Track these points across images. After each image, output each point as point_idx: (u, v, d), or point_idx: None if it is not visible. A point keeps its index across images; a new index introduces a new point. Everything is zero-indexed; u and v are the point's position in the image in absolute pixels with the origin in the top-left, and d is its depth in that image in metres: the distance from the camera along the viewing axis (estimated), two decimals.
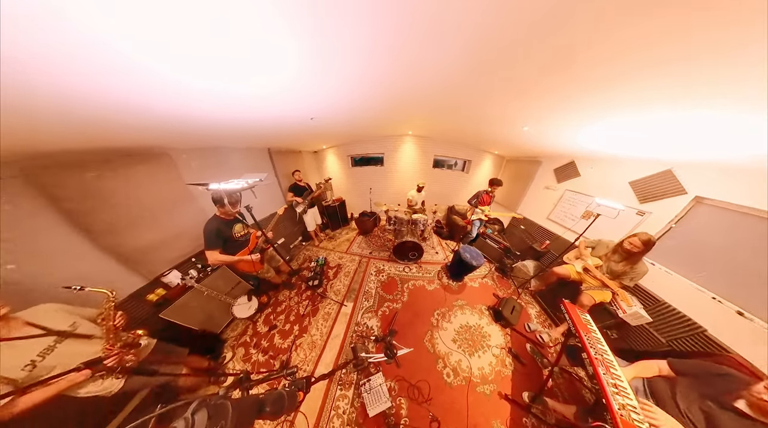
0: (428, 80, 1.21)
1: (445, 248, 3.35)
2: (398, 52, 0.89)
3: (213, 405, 0.53)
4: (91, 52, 0.61)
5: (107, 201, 1.34)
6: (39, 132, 0.92)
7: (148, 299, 1.49)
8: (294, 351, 1.78)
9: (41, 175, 1.10)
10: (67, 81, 0.70)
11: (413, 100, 1.70)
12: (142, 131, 1.23)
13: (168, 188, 1.67)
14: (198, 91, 0.99)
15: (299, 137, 2.58)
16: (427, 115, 2.24)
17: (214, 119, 1.38)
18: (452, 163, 4.09)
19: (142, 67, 0.73)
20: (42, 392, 0.74)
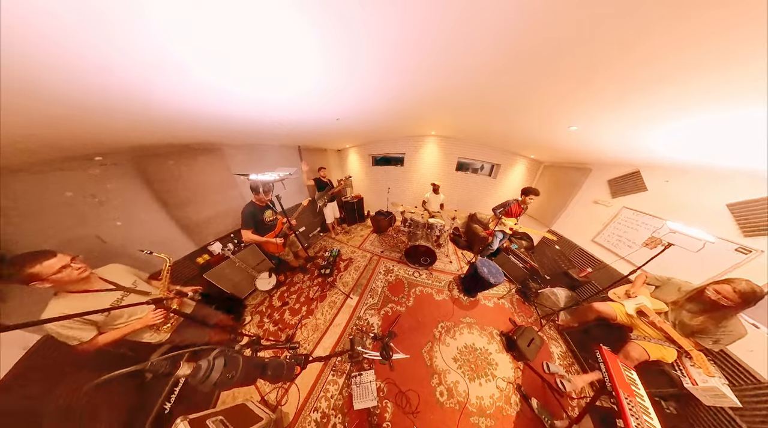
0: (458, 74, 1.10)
1: (460, 259, 3.07)
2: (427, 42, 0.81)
3: (229, 356, 0.63)
4: (185, 79, 0.85)
5: (180, 183, 1.75)
6: (142, 130, 1.26)
7: (197, 261, 1.86)
8: (299, 329, 1.92)
9: (141, 162, 1.53)
10: (169, 100, 0.98)
11: (440, 98, 1.58)
12: (204, 130, 1.55)
13: (219, 175, 2.05)
14: (247, 99, 1.17)
15: (325, 136, 2.76)
16: (453, 114, 2.08)
17: (257, 121, 1.62)
18: (478, 166, 3.73)
19: (210, 84, 0.93)
20: (115, 333, 0.95)
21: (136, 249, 1.18)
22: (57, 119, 0.86)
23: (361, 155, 3.95)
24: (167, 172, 1.66)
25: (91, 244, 1.36)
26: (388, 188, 3.69)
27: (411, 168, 3.76)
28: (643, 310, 1.35)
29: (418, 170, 3.75)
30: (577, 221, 2.60)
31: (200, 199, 1.91)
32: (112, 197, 1.44)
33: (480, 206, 3.70)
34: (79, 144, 1.16)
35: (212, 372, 0.58)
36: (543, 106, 1.41)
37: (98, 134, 1.11)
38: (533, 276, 2.38)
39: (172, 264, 1.19)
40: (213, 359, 0.60)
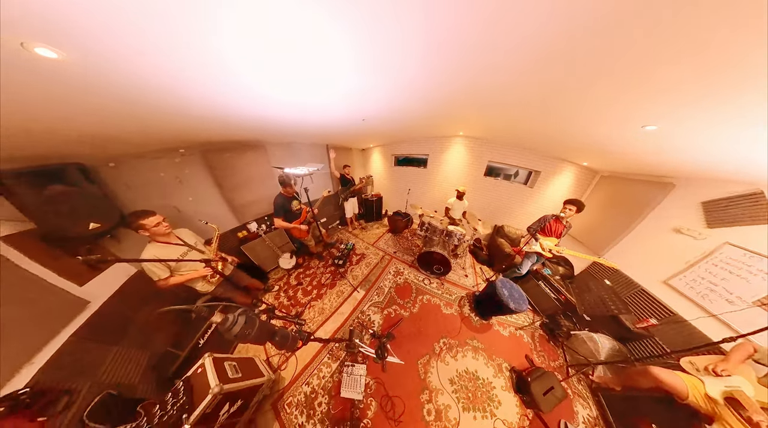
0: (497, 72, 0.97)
1: (478, 274, 2.74)
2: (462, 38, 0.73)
3: (249, 316, 0.78)
4: (237, 88, 0.99)
5: (232, 172, 2.15)
6: (209, 130, 1.59)
7: (238, 235, 2.27)
8: (307, 309, 2.08)
9: (207, 154, 1.95)
10: (229, 106, 1.19)
11: (473, 96, 1.39)
12: (252, 130, 1.84)
13: (261, 167, 2.39)
14: (284, 103, 1.31)
15: (351, 135, 2.86)
16: (485, 112, 1.82)
17: (291, 122, 1.82)
18: (511, 172, 3.20)
19: (257, 90, 1.07)
20: (180, 278, 1.26)
21: (199, 219, 1.53)
22: (157, 122, 1.17)
23: (384, 154, 3.93)
24: (224, 163, 2.07)
25: (172, 211, 1.81)
26: (408, 189, 3.55)
27: (434, 170, 3.51)
28: (738, 398, 0.92)
29: (442, 173, 3.47)
30: (642, 252, 1.95)
31: (246, 185, 2.28)
32: (188, 179, 1.89)
33: (509, 217, 3.19)
34: (170, 139, 1.56)
35: (235, 325, 0.72)
36: (605, 97, 1.05)
37: (181, 133, 1.48)
38: (567, 312, 1.93)
39: (220, 234, 1.52)
40: (237, 315, 0.74)
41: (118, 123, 1.04)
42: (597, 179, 2.72)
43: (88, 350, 1.15)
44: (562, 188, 2.86)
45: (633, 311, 1.78)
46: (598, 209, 2.43)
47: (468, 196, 2.93)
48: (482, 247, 3.13)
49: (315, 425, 1.27)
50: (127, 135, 1.22)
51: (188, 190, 1.90)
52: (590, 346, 1.62)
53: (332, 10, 0.58)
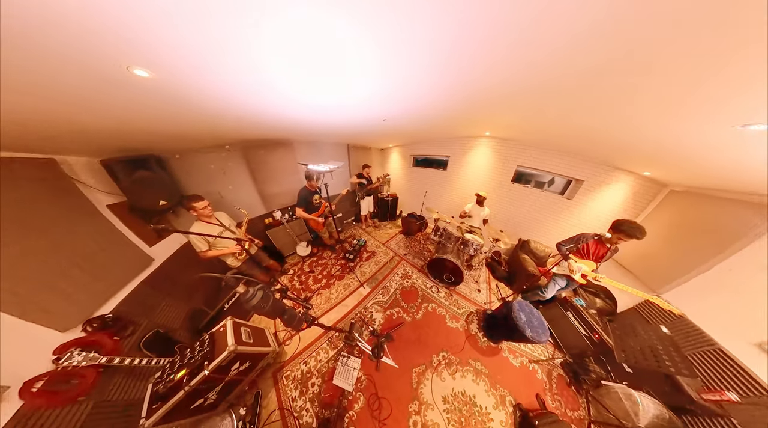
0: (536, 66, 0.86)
1: (492, 291, 2.49)
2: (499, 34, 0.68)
3: (266, 293, 0.94)
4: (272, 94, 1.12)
5: (265, 165, 2.47)
6: (248, 130, 1.86)
7: (265, 221, 2.60)
8: (315, 295, 2.24)
9: (246, 150, 2.30)
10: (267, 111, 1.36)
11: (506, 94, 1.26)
12: (282, 130, 2.06)
13: (289, 163, 2.68)
14: (309, 106, 1.40)
15: (370, 135, 2.91)
16: (519, 111, 1.60)
17: (318, 122, 1.96)
18: (545, 180, 2.74)
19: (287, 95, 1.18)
20: (216, 252, 1.52)
21: (234, 206, 1.83)
22: (212, 123, 1.43)
23: (403, 154, 3.86)
24: (259, 158, 2.40)
25: (215, 197, 2.21)
26: (425, 191, 3.40)
27: (454, 173, 3.27)
28: None
29: (463, 176, 3.21)
30: (727, 299, 1.45)
31: (274, 178, 2.61)
32: (230, 171, 2.27)
33: (538, 232, 2.76)
34: (219, 138, 1.90)
35: (253, 298, 0.87)
36: (679, 86, 0.79)
37: (227, 132, 1.78)
38: (600, 356, 1.58)
39: (249, 219, 1.78)
40: (256, 290, 0.89)
41: (185, 124, 1.32)
42: (664, 194, 2.09)
43: (149, 295, 1.51)
44: (611, 203, 2.29)
45: (700, 376, 1.35)
46: (661, 233, 1.89)
47: (491, 203, 2.66)
48: (501, 261, 2.79)
49: (306, 402, 1.38)
50: (190, 134, 1.54)
51: (229, 179, 2.29)
52: (626, 405, 1.29)
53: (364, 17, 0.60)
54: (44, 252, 1.06)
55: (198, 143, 1.91)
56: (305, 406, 1.37)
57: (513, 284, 2.49)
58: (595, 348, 1.58)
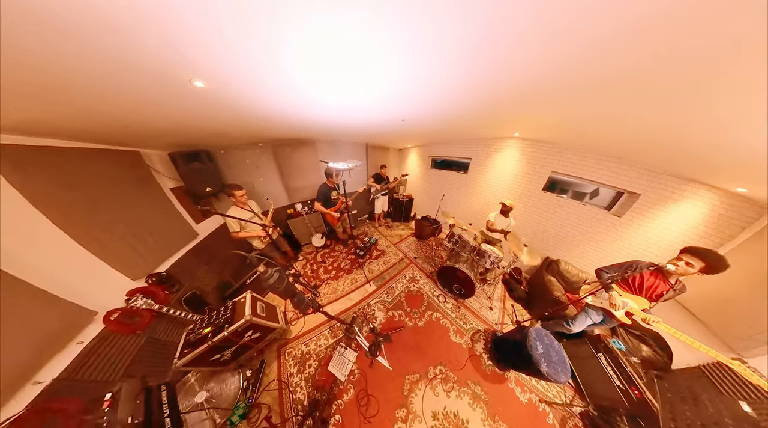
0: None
1: (506, 311, 2.23)
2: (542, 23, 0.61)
3: (281, 275, 1.08)
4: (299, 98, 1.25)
5: (290, 161, 2.76)
6: (278, 130, 2.10)
7: (287, 211, 2.89)
8: (324, 284, 2.41)
9: (275, 147, 2.60)
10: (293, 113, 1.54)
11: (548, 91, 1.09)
12: (305, 130, 2.25)
13: (311, 160, 2.91)
14: (331, 107, 1.46)
15: (389, 135, 2.91)
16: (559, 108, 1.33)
17: (339, 123, 2.07)
18: (586, 190, 2.25)
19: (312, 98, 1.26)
20: (245, 234, 1.81)
21: (264, 196, 2.14)
22: (250, 124, 1.68)
23: (421, 155, 3.71)
24: (286, 155, 2.70)
25: (249, 187, 2.54)
26: (442, 195, 3.23)
27: (476, 177, 2.99)
28: None
29: (485, 181, 2.91)
30: None
31: (298, 173, 2.88)
32: (262, 165, 2.60)
33: (572, 252, 2.30)
34: (255, 136, 2.20)
35: (270, 278, 1.01)
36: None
37: (261, 132, 2.04)
38: (637, 418, 1.24)
39: (274, 208, 2.05)
40: (274, 271, 1.03)
41: (228, 124, 1.57)
42: (766, 222, 1.48)
43: (192, 263, 1.88)
44: (679, 226, 1.72)
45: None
46: (753, 273, 1.37)
47: (516, 213, 2.37)
48: (521, 280, 2.47)
49: (301, 380, 1.51)
50: (231, 132, 1.83)
51: (261, 173, 2.64)
52: None
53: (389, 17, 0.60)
54: (128, 220, 1.43)
55: (237, 141, 2.26)
56: (300, 383, 1.49)
57: (532, 308, 2.17)
58: (632, 407, 1.25)
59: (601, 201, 2.21)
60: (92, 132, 1.21)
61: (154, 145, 1.71)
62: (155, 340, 1.37)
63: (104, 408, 0.80)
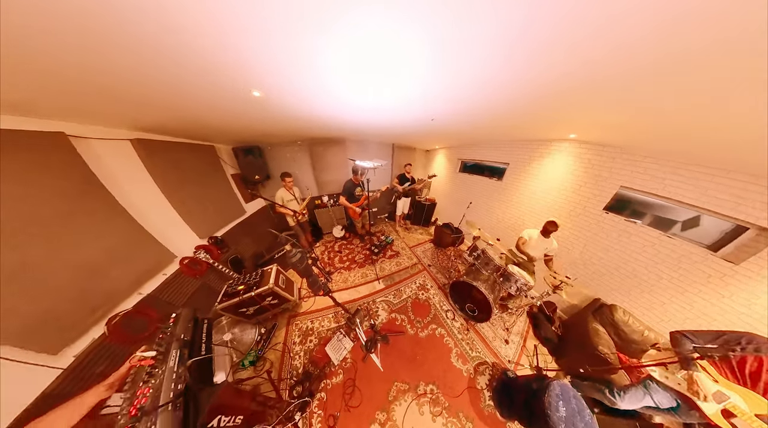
0: None
1: (525, 351, 1.84)
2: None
3: (302, 255, 1.30)
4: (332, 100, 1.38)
5: (322, 157, 3.12)
6: (313, 129, 2.37)
7: (315, 202, 3.26)
8: (336, 272, 2.62)
9: (311, 145, 3.00)
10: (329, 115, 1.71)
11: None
12: (336, 129, 2.47)
13: (341, 157, 3.19)
14: (362, 108, 1.56)
15: (416, 135, 2.82)
16: (636, 99, 0.95)
17: (368, 123, 2.18)
18: (680, 219, 1.53)
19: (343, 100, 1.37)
20: (284, 210, 2.27)
21: (304, 185, 2.57)
22: (293, 125, 1.98)
23: (450, 158, 3.41)
24: (319, 151, 3.06)
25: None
26: (469, 202, 2.91)
27: (512, 186, 2.53)
28: None
29: (524, 191, 2.42)
30: None
31: (328, 169, 3.22)
32: (299, 160, 3.07)
33: (639, 300, 1.65)
34: (294, 135, 2.58)
35: (294, 257, 1.22)
36: None
37: (299, 131, 2.36)
38: None
39: (309, 197, 2.54)
40: (297, 251, 1.24)
41: (274, 125, 1.91)
42: None
43: (238, 233, 2.40)
44: None
45: None
46: None
47: (562, 235, 1.91)
48: (554, 319, 1.99)
49: (301, 350, 1.72)
50: (276, 132, 2.21)
51: (297, 166, 3.10)
52: None
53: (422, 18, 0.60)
54: (202, 194, 1.97)
55: (281, 139, 2.71)
56: (299, 353, 1.70)
57: (562, 358, 1.72)
58: None
59: (703, 236, 1.49)
60: (187, 130, 1.73)
61: (223, 141, 2.28)
62: (206, 286, 1.84)
63: (170, 322, 1.16)
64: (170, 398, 0.79)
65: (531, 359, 1.78)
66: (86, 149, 1.18)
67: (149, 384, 0.82)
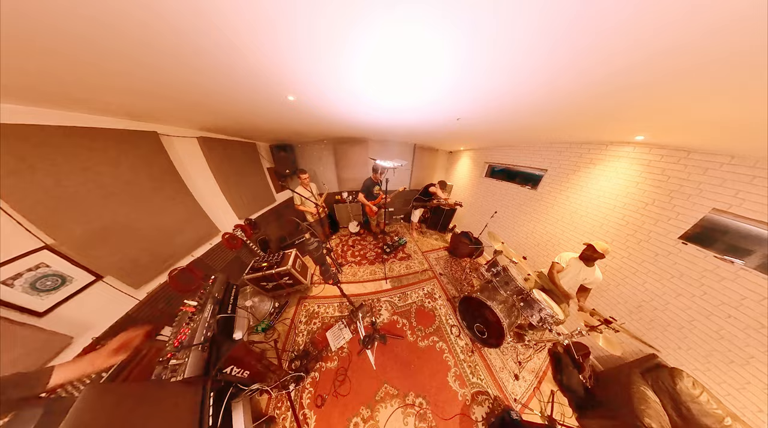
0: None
1: (537, 395, 1.57)
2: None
3: (319, 245, 1.49)
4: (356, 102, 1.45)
5: (344, 156, 3.32)
6: (338, 129, 2.53)
7: (335, 197, 3.52)
8: (347, 265, 2.81)
9: (335, 144, 3.22)
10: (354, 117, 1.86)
11: None
12: (360, 130, 2.57)
13: (361, 156, 3.33)
14: (385, 109, 1.58)
15: (439, 136, 2.68)
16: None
17: (390, 124, 2.21)
18: None
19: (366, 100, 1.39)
20: (303, 207, 2.60)
21: (321, 181, 2.86)
22: (321, 126, 2.20)
23: (475, 160, 3.12)
24: (341, 150, 3.28)
25: (312, 172, 3.34)
26: (494, 211, 2.62)
27: (549, 196, 2.14)
28: None
29: (566, 205, 2.01)
30: None
31: (349, 167, 3.41)
32: (324, 158, 3.33)
33: (723, 370, 1.12)
34: (320, 134, 2.81)
35: (311, 246, 1.39)
36: None
37: (325, 130, 2.56)
38: None
39: (326, 193, 2.76)
40: (314, 241, 1.42)
41: (306, 125, 2.15)
42: None
43: (267, 218, 2.81)
44: None
45: None
46: None
47: (610, 265, 1.57)
48: (583, 366, 1.61)
49: (304, 330, 1.93)
50: (304, 131, 2.46)
51: (322, 163, 3.39)
52: None
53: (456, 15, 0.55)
54: (243, 182, 2.39)
55: (309, 137, 3.01)
56: (303, 331, 1.91)
57: (588, 417, 1.40)
58: None
59: None
60: (236, 130, 2.13)
61: (262, 139, 2.69)
62: (239, 258, 2.25)
63: (209, 282, 1.49)
64: (201, 341, 1.03)
65: (544, 406, 1.52)
66: (168, 144, 1.61)
67: (189, 326, 1.09)
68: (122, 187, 1.31)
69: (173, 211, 1.63)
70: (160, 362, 0.92)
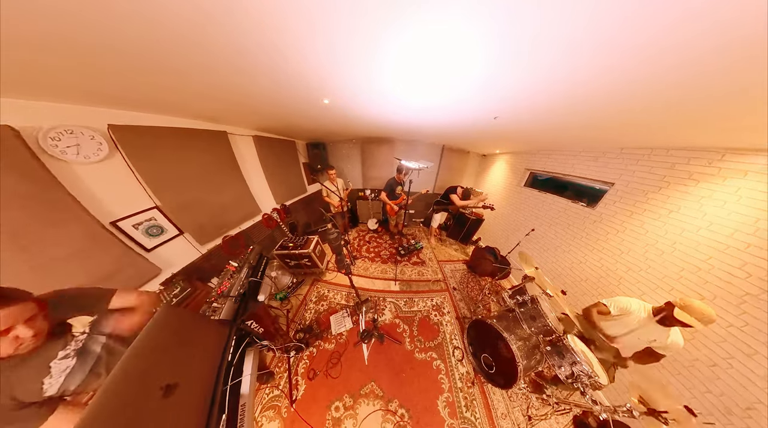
0: None
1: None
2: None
3: (338, 235, 1.70)
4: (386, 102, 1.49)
5: (371, 155, 3.48)
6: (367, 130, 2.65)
7: (359, 193, 3.72)
8: (361, 259, 3.00)
9: (363, 143, 3.40)
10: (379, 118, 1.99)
11: None
12: (386, 130, 2.64)
13: (386, 156, 3.42)
14: (414, 109, 1.58)
15: (472, 137, 2.44)
16: None
17: (419, 124, 2.21)
18: None
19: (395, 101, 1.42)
20: (329, 199, 3.00)
21: (347, 178, 3.13)
22: (351, 126, 2.40)
23: (513, 166, 2.65)
24: (368, 150, 3.45)
25: (340, 168, 3.63)
26: (531, 229, 2.22)
27: (615, 219, 1.63)
28: None
29: (640, 234, 1.48)
30: None
31: (375, 165, 3.57)
32: (352, 156, 3.59)
33: None
34: (350, 134, 3.02)
35: (331, 235, 1.61)
36: None
37: (355, 130, 2.73)
38: None
39: (351, 189, 3.07)
40: (334, 231, 1.62)
41: (338, 125, 2.39)
42: None
43: (298, 206, 3.26)
44: None
45: None
46: None
47: (704, 330, 1.11)
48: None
49: (312, 308, 2.21)
50: (336, 131, 2.70)
51: (350, 161, 3.64)
52: None
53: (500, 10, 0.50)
54: (282, 174, 2.85)
55: (339, 136, 3.27)
56: (311, 309, 2.20)
57: None
58: None
59: None
60: (279, 129, 2.55)
61: (300, 137, 3.12)
62: (272, 236, 2.73)
63: (248, 251, 1.92)
64: (236, 294, 1.38)
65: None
66: (232, 141, 2.11)
67: (229, 281, 1.48)
68: (201, 173, 1.82)
69: (231, 192, 2.14)
70: (207, 302, 1.25)
